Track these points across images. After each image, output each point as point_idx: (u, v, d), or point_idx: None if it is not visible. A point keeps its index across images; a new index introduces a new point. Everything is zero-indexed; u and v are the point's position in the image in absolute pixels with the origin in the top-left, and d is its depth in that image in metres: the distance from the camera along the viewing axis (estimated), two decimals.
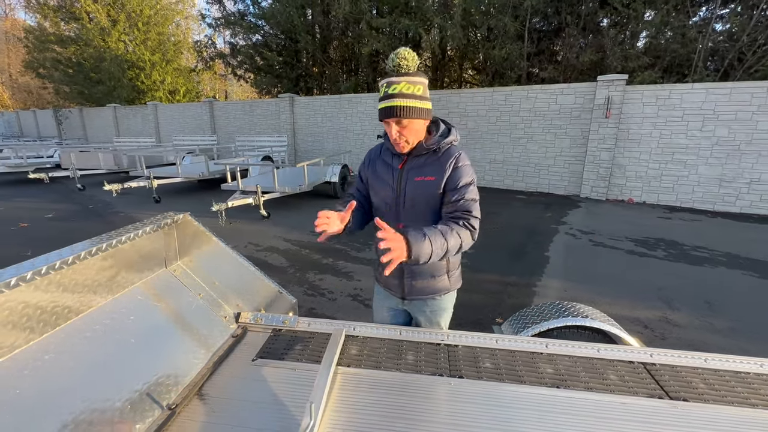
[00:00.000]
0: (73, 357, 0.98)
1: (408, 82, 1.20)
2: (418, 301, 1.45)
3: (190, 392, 1.08)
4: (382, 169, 1.39)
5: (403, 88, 1.19)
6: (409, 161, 1.32)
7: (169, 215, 1.44)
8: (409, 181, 1.30)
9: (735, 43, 7.59)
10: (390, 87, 1.20)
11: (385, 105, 1.21)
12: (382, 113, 1.23)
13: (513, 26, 9.02)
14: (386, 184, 1.36)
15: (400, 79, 1.20)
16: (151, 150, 9.31)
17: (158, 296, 1.32)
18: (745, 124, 6.35)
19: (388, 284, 1.49)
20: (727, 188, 6.64)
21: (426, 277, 1.39)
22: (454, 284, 1.46)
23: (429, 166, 1.29)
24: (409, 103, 1.19)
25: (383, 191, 1.37)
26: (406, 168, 1.32)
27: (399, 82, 1.19)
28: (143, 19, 17.57)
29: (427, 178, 1.28)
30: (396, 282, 1.44)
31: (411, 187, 1.30)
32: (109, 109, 16.40)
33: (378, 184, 1.39)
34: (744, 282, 3.65)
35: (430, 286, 1.41)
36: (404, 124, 1.23)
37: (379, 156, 1.43)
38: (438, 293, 1.43)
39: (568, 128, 7.88)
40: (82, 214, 6.36)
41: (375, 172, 1.41)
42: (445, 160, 1.28)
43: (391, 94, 1.19)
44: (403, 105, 1.19)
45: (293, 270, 3.91)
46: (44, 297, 0.97)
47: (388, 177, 1.36)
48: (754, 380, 1.17)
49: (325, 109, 11.14)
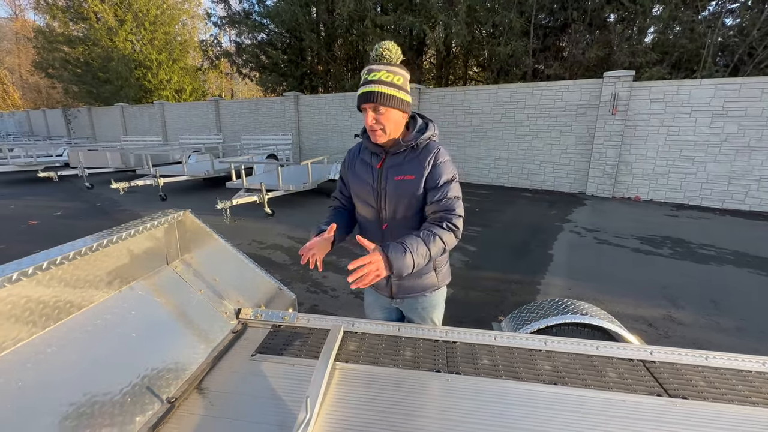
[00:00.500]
0: (74, 351, 0.99)
1: (388, 71, 1.19)
2: (408, 299, 1.44)
3: (190, 386, 1.10)
4: (362, 168, 1.36)
5: (383, 75, 1.18)
6: (387, 159, 1.30)
7: (170, 212, 1.45)
8: (389, 180, 1.28)
9: (745, 38, 7.46)
10: (370, 74, 1.19)
11: (363, 90, 1.19)
12: (360, 99, 1.21)
13: (518, 22, 8.94)
14: (366, 184, 1.33)
15: (381, 67, 1.19)
16: (157, 149, 9.42)
17: (159, 292, 1.33)
18: (755, 120, 6.24)
19: (376, 285, 1.46)
20: (736, 185, 6.54)
21: (413, 276, 1.36)
22: (443, 280, 1.44)
23: (408, 164, 1.27)
24: (388, 90, 1.18)
25: (363, 192, 1.35)
26: (385, 167, 1.30)
27: (379, 70, 1.18)
28: (150, 19, 17.73)
29: (407, 177, 1.26)
30: (384, 282, 1.42)
31: (391, 186, 1.28)
32: (116, 108, 16.58)
33: (358, 185, 1.37)
34: (751, 281, 3.60)
35: (419, 284, 1.40)
36: (381, 111, 1.20)
37: (358, 155, 1.40)
38: (427, 290, 1.41)
39: (574, 125, 7.81)
40: (90, 212, 6.45)
41: (354, 173, 1.38)
42: (424, 157, 1.26)
43: (370, 80, 1.18)
44: (380, 91, 1.17)
45: (296, 267, 3.94)
46: (46, 291, 0.98)
47: (367, 177, 1.33)
48: (755, 379, 1.16)
49: (330, 107, 11.15)
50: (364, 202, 1.36)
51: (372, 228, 1.37)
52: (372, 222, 1.36)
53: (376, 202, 1.32)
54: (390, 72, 1.19)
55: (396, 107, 1.20)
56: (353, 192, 1.40)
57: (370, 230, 1.38)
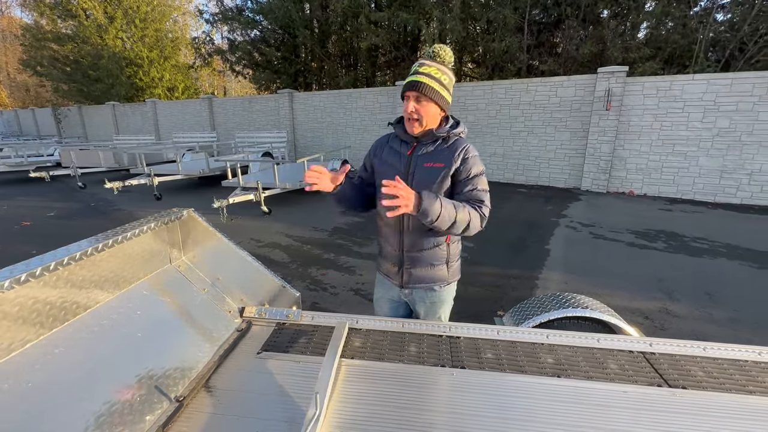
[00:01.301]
0: (82, 351, 0.99)
1: (438, 69, 1.27)
2: (418, 291, 1.46)
3: (197, 385, 1.10)
4: (390, 155, 1.41)
5: (433, 71, 1.26)
6: (418, 147, 1.36)
7: (173, 212, 1.45)
8: (418, 166, 1.34)
9: (736, 33, 7.54)
10: (421, 66, 1.27)
11: (410, 79, 1.26)
12: (405, 86, 1.27)
13: (512, 18, 8.96)
14: (394, 169, 1.38)
15: (432, 63, 1.27)
16: (151, 147, 9.32)
17: (164, 291, 1.33)
18: (746, 114, 6.32)
19: (388, 272, 1.51)
20: (728, 179, 6.63)
21: (425, 265, 1.41)
22: (453, 275, 1.47)
23: (438, 154, 1.33)
24: (433, 84, 1.25)
25: (390, 176, 1.38)
26: (415, 154, 1.36)
27: (430, 65, 1.27)
28: (140, 16, 17.48)
29: (437, 165, 1.31)
30: (396, 269, 1.46)
31: (420, 172, 1.33)
32: (108, 107, 16.37)
33: (385, 170, 1.41)
34: (744, 272, 3.67)
35: (429, 275, 1.43)
36: (422, 103, 1.27)
37: (387, 144, 1.45)
38: (437, 283, 1.44)
39: (568, 121, 7.85)
40: (84, 212, 6.38)
41: (381, 159, 1.43)
42: (454, 149, 1.32)
43: (420, 72, 1.25)
44: (426, 83, 1.24)
45: (295, 265, 3.94)
46: (53, 293, 0.98)
47: (396, 162, 1.38)
48: (752, 368, 1.19)
49: (325, 104, 11.11)
50: None
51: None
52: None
53: None
54: (440, 70, 1.27)
55: (436, 101, 1.27)
56: (379, 176, 1.44)
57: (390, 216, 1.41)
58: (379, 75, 13.92)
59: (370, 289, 3.37)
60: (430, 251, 1.40)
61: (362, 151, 10.77)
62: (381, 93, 10.11)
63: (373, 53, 13.19)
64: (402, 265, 1.44)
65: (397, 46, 12.26)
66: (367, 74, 13.63)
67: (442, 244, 1.40)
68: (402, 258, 1.43)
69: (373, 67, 13.74)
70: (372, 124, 10.46)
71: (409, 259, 1.42)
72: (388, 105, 10.01)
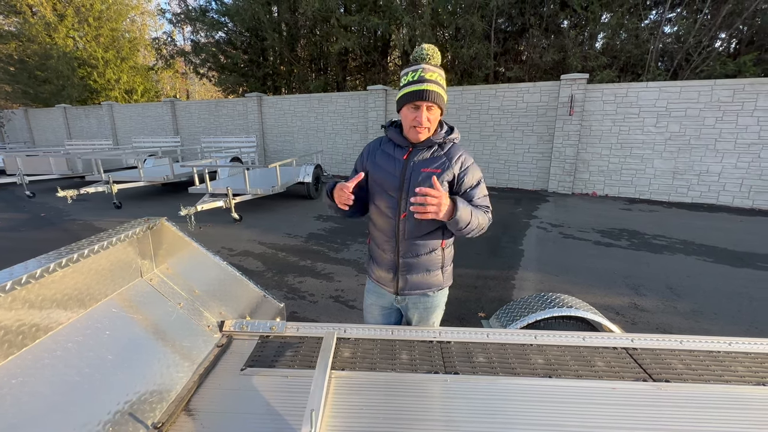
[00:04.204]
0: (43, 380, 0.89)
1: (440, 74, 1.27)
2: (412, 297, 1.44)
3: (177, 408, 1.02)
4: (384, 159, 1.38)
5: (436, 77, 1.25)
6: (413, 153, 1.34)
7: (144, 221, 1.35)
8: (414, 171, 1.32)
9: (682, 45, 8.15)
10: (426, 73, 1.24)
11: (420, 88, 1.23)
12: (414, 95, 1.24)
13: (480, 26, 9.22)
14: (390, 174, 1.35)
15: (435, 69, 1.26)
16: (108, 153, 8.75)
17: (135, 308, 1.23)
18: (694, 120, 6.83)
19: (381, 279, 1.47)
20: (680, 180, 7.13)
21: (421, 271, 1.40)
22: (447, 281, 1.46)
23: (435, 160, 1.33)
24: (440, 90, 1.25)
25: (386, 182, 1.36)
26: (411, 159, 1.34)
27: (434, 71, 1.25)
28: (94, 14, 16.50)
29: (434, 171, 1.31)
30: (390, 276, 1.43)
31: (417, 177, 1.31)
32: (58, 109, 15.27)
33: (380, 175, 1.38)
34: (699, 267, 3.93)
35: (425, 281, 1.41)
36: (433, 111, 1.27)
37: (379, 147, 1.42)
38: (431, 289, 1.43)
39: (535, 125, 8.16)
40: (33, 223, 5.88)
41: (375, 164, 1.40)
42: (451, 156, 1.33)
43: (428, 79, 1.24)
44: (436, 91, 1.24)
45: (271, 274, 3.81)
46: (8, 315, 0.87)
47: (391, 168, 1.36)
48: (724, 358, 1.25)
49: (295, 108, 10.93)
50: (384, 192, 1.37)
51: (388, 218, 1.38)
52: (390, 210, 1.37)
53: (398, 192, 1.34)
54: (440, 74, 1.27)
55: (442, 107, 1.29)
56: (374, 182, 1.41)
57: (386, 221, 1.39)
58: (350, 79, 13.88)
59: (350, 295, 3.31)
60: (426, 257, 1.38)
61: (334, 155, 10.67)
62: (353, 97, 10.08)
63: (344, 57, 13.16)
64: (397, 271, 1.41)
65: (368, 51, 12.29)
66: (337, 78, 13.56)
67: (438, 249, 1.39)
68: (397, 264, 1.40)
69: (344, 72, 13.69)
70: (344, 128, 10.40)
71: (404, 265, 1.39)
72: (360, 109, 10.00)
